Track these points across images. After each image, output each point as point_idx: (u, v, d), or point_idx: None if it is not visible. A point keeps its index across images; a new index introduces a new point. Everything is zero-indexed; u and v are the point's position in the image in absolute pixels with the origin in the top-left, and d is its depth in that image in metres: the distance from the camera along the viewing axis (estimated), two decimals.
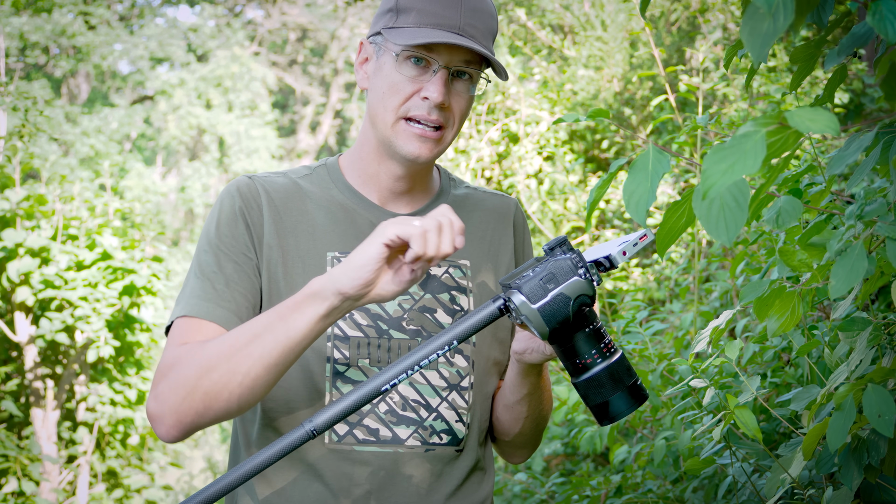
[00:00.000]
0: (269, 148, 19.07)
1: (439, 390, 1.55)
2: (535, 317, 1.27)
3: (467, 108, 1.54)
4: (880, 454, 1.35)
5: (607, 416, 1.33)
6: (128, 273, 6.21)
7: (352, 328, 1.52)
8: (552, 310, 1.27)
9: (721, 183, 0.90)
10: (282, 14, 21.32)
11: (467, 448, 1.59)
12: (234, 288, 1.48)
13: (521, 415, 1.62)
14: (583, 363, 1.32)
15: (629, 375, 1.33)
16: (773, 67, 5.08)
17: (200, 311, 1.46)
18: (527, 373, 1.54)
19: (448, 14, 1.47)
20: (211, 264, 1.49)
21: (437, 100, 1.47)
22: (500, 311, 1.30)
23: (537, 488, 3.58)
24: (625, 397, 1.32)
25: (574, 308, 1.28)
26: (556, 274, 1.28)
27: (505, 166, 6.46)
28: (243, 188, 1.55)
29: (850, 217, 1.45)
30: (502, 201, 1.72)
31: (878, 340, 1.42)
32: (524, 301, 1.27)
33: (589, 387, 1.32)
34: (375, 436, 1.51)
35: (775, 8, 0.89)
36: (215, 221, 1.53)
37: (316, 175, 1.62)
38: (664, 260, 5.21)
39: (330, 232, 1.55)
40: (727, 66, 1.53)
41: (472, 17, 1.49)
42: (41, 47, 17.62)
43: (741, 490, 2.05)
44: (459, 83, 1.51)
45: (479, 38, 1.49)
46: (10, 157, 6.24)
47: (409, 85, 1.49)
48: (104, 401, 6.40)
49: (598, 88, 6.85)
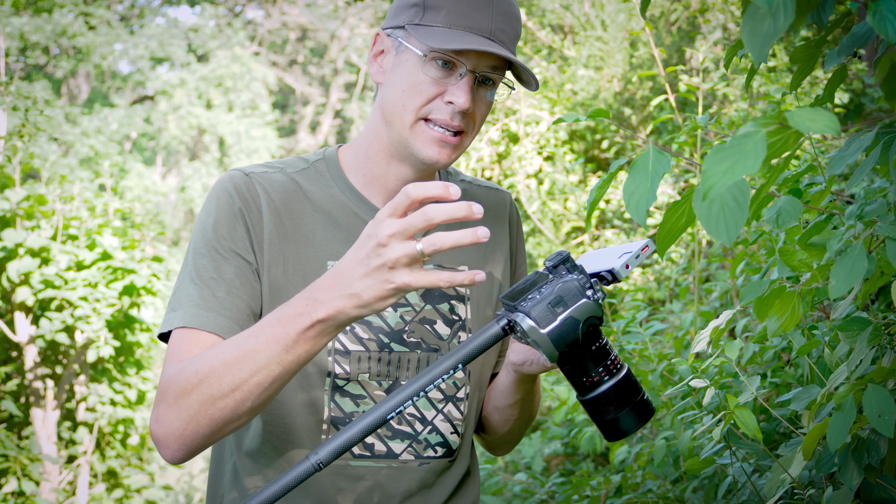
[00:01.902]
0: (269, 148, 19.07)
1: (435, 402, 1.54)
2: (545, 342, 1.24)
3: (486, 113, 1.49)
4: (880, 454, 1.35)
5: (616, 433, 1.33)
6: (128, 273, 6.21)
7: (353, 342, 1.48)
8: (562, 333, 1.24)
9: (721, 183, 0.90)
10: (282, 14, 21.32)
11: (460, 457, 1.59)
12: (234, 294, 1.41)
13: (511, 417, 1.62)
14: (590, 381, 1.31)
15: (636, 391, 1.32)
16: (773, 67, 5.08)
17: (201, 321, 1.38)
18: (522, 381, 1.53)
19: (479, 17, 1.41)
20: (209, 269, 1.42)
21: (463, 106, 1.41)
22: (503, 332, 1.26)
23: (537, 488, 3.58)
24: (633, 414, 1.32)
25: (583, 330, 1.25)
26: (565, 297, 1.25)
27: (505, 166, 6.46)
28: (241, 186, 1.47)
29: (850, 217, 1.45)
30: (497, 196, 1.68)
31: (878, 340, 1.41)
32: (533, 326, 1.24)
33: (597, 405, 1.31)
34: (371, 450, 1.49)
35: (776, 8, 0.89)
36: (212, 221, 1.46)
37: (314, 170, 1.55)
38: (664, 260, 5.21)
39: (330, 239, 1.50)
40: (727, 66, 1.53)
41: (503, 21, 1.43)
42: (41, 47, 17.62)
43: (741, 490, 2.05)
44: (483, 89, 1.45)
45: (508, 43, 1.44)
46: (10, 157, 6.24)
47: (432, 86, 1.42)
48: (104, 401, 6.40)
49: (598, 88, 6.85)
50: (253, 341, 1.24)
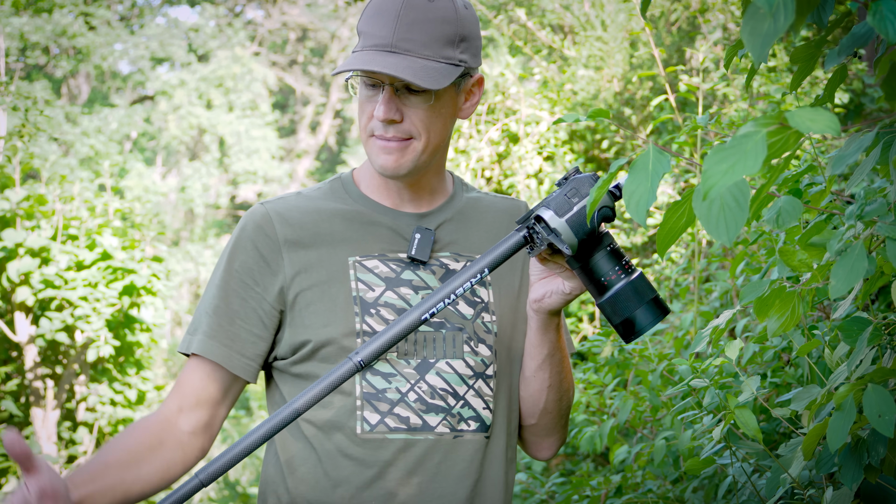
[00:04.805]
0: (269, 148, 19.06)
1: (466, 378, 1.59)
2: (565, 229, 1.34)
3: (433, 116, 1.55)
4: (880, 454, 1.35)
5: (633, 330, 1.40)
6: (128, 273, 6.20)
7: (379, 324, 1.57)
8: (580, 221, 1.34)
9: (721, 183, 0.90)
10: (282, 14, 21.31)
11: (495, 435, 1.63)
12: (238, 325, 1.58)
13: (543, 384, 1.65)
14: (607, 280, 1.38)
15: (651, 290, 1.39)
16: (773, 67, 5.08)
17: (204, 349, 1.57)
18: (546, 326, 1.58)
19: (382, 33, 1.51)
20: (219, 298, 1.59)
21: (381, 117, 1.53)
22: (524, 240, 1.38)
23: (537, 488, 3.58)
24: (649, 310, 1.39)
25: (598, 219, 1.35)
26: (579, 188, 1.35)
27: (505, 166, 6.46)
28: (257, 217, 1.61)
29: (850, 217, 1.45)
30: (513, 203, 1.77)
31: (878, 340, 1.41)
32: (553, 215, 1.34)
33: (615, 303, 1.39)
34: (406, 423, 1.55)
35: (776, 8, 0.90)
36: (227, 254, 1.61)
37: (330, 189, 1.68)
38: (664, 260, 5.21)
39: (349, 238, 1.61)
40: (727, 66, 1.53)
41: (409, 31, 1.51)
42: (41, 48, 17.61)
43: (741, 490, 2.05)
44: (414, 97, 1.53)
45: (417, 50, 1.50)
46: (10, 157, 6.23)
47: (368, 105, 1.56)
48: (104, 401, 6.40)
49: (598, 88, 6.85)
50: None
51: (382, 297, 1.58)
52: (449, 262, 1.62)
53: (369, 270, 1.59)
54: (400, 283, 1.59)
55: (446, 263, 1.63)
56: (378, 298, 1.58)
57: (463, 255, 1.65)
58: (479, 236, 1.67)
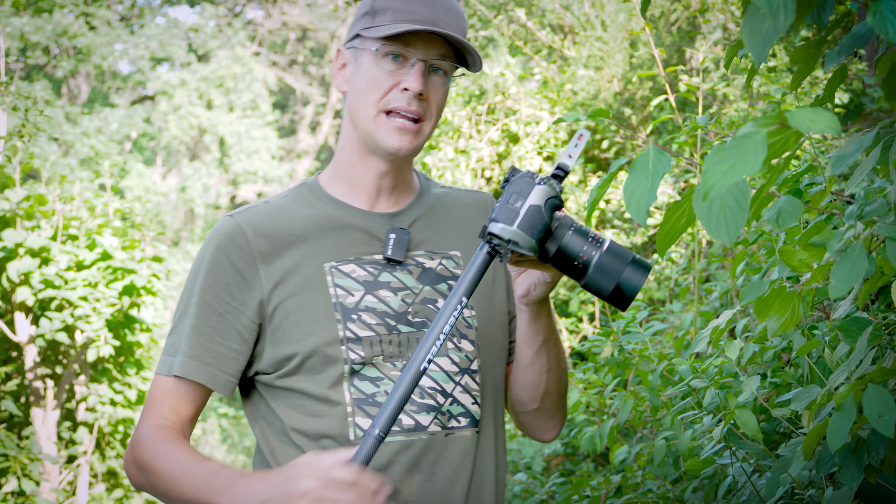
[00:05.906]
0: (269, 148, 19.06)
1: (452, 375, 1.60)
2: (519, 236, 1.34)
3: (443, 100, 1.61)
4: (880, 454, 1.35)
5: (624, 297, 1.40)
6: (128, 273, 6.20)
7: (362, 329, 1.57)
8: (530, 221, 1.34)
9: (722, 183, 0.90)
10: (282, 14, 21.31)
11: (484, 429, 1.64)
12: (217, 341, 1.57)
13: (542, 367, 1.65)
14: (580, 261, 1.39)
15: (626, 252, 1.40)
16: (773, 67, 5.08)
17: (186, 370, 1.56)
18: (537, 315, 1.59)
19: (422, 10, 1.55)
20: (196, 316, 1.57)
21: (417, 89, 1.54)
22: (489, 255, 1.38)
23: (537, 488, 3.58)
24: (633, 271, 1.39)
25: (548, 213, 1.35)
26: (518, 192, 1.36)
27: (505, 166, 6.46)
28: (229, 230, 1.60)
29: (850, 217, 1.45)
30: (478, 195, 1.79)
31: (878, 340, 1.41)
32: (503, 227, 1.34)
33: (597, 278, 1.39)
34: (399, 425, 1.56)
35: (776, 8, 0.90)
36: (201, 270, 1.59)
37: (298, 195, 1.67)
38: (664, 260, 5.21)
39: (322, 243, 1.61)
40: (727, 66, 1.53)
41: (446, 14, 1.56)
42: (42, 47, 17.60)
43: (741, 490, 2.05)
44: (435, 76, 1.58)
45: (452, 31, 1.56)
46: (10, 157, 6.23)
47: (388, 79, 1.56)
48: (104, 401, 6.39)
49: (598, 88, 6.85)
50: (196, 478, 1.47)
51: (363, 302, 1.58)
52: (424, 261, 1.64)
53: (346, 275, 1.59)
54: (378, 286, 1.59)
55: (422, 262, 1.64)
56: (358, 303, 1.58)
57: (437, 252, 1.66)
58: (451, 232, 1.69)
